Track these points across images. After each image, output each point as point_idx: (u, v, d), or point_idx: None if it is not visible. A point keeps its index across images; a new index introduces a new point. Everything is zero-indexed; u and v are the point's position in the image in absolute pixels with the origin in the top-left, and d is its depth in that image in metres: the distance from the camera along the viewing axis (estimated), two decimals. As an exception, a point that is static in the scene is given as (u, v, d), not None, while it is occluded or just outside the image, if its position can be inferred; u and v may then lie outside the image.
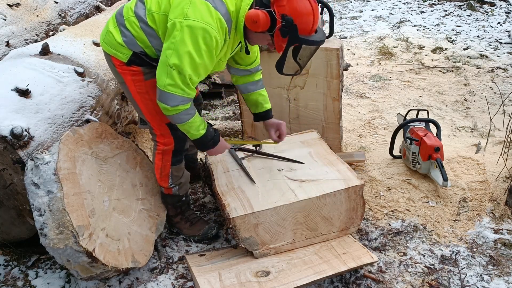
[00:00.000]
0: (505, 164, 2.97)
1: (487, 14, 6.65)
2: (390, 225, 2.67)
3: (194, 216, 2.65)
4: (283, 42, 2.01)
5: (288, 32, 1.96)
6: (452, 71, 4.90)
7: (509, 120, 2.99)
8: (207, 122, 2.28)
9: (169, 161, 2.41)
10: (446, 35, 5.96)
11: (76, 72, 2.56)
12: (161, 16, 2.06)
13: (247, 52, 2.26)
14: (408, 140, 3.05)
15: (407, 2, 7.48)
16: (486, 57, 5.23)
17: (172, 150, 2.39)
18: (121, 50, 2.18)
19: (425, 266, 2.37)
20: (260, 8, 1.98)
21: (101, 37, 2.27)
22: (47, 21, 3.58)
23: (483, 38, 5.81)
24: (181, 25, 1.94)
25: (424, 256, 2.44)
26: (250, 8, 2.01)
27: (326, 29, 3.11)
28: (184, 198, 2.60)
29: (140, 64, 2.20)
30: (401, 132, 3.24)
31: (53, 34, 3.38)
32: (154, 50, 2.16)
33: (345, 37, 6.14)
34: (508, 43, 5.61)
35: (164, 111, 2.10)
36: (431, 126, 3.19)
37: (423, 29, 6.24)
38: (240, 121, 3.39)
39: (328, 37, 3.05)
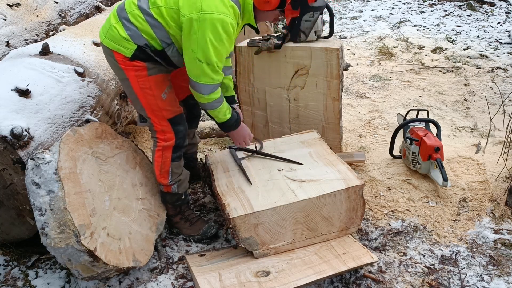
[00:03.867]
0: (505, 164, 2.97)
1: (487, 14, 6.66)
2: (390, 225, 2.67)
3: (193, 216, 2.65)
4: (294, 14, 2.26)
5: (299, 4, 2.22)
6: (452, 71, 4.91)
7: (509, 120, 2.99)
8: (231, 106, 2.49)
9: (169, 157, 2.43)
10: (446, 35, 5.97)
11: (76, 72, 2.56)
12: (170, 10, 2.13)
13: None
14: (408, 140, 3.05)
15: (407, 2, 7.48)
16: (486, 57, 5.23)
17: (173, 146, 2.41)
18: (124, 44, 2.21)
19: (425, 266, 2.37)
20: None
21: (102, 33, 2.29)
22: (47, 21, 3.58)
23: (483, 38, 5.81)
24: (199, 20, 2.06)
25: (424, 256, 2.44)
26: None
27: (326, 29, 3.11)
28: (183, 197, 2.60)
29: (144, 59, 2.24)
30: (401, 132, 3.24)
31: (53, 34, 3.38)
32: (159, 42, 2.22)
33: (345, 37, 6.14)
34: (508, 43, 5.61)
35: (199, 99, 2.29)
36: (431, 126, 3.19)
37: (423, 29, 6.24)
38: (240, 121, 3.39)
39: (328, 37, 3.05)
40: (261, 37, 2.98)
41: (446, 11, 6.95)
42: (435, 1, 7.38)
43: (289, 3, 2.21)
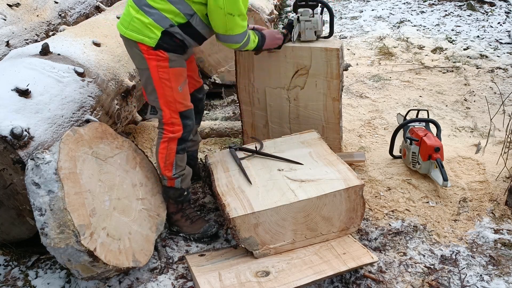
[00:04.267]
0: (505, 164, 2.97)
1: (487, 14, 6.66)
2: (390, 225, 2.67)
3: (194, 214, 2.66)
4: None
5: None
6: (452, 71, 4.90)
7: (509, 120, 2.99)
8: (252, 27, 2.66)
9: (174, 149, 2.47)
10: (446, 35, 5.97)
11: (76, 72, 2.56)
12: None
13: None
14: (408, 140, 3.05)
15: (407, 2, 7.48)
16: (486, 57, 5.23)
17: (178, 138, 2.46)
18: (149, 33, 2.27)
19: (425, 266, 2.38)
20: None
21: (123, 27, 2.34)
22: (47, 21, 3.59)
23: (483, 38, 5.81)
24: None
25: (424, 256, 2.44)
26: None
27: (326, 29, 3.11)
28: (186, 193, 2.61)
29: (167, 49, 2.30)
30: (401, 132, 3.24)
31: (53, 34, 3.38)
32: (183, 15, 2.29)
33: (345, 37, 6.14)
34: (508, 43, 5.61)
35: (233, 47, 2.48)
36: (431, 126, 3.19)
37: (423, 29, 6.24)
38: (240, 121, 3.39)
39: (328, 37, 3.05)
40: None
41: (446, 11, 6.94)
42: (435, 1, 7.38)
43: None
